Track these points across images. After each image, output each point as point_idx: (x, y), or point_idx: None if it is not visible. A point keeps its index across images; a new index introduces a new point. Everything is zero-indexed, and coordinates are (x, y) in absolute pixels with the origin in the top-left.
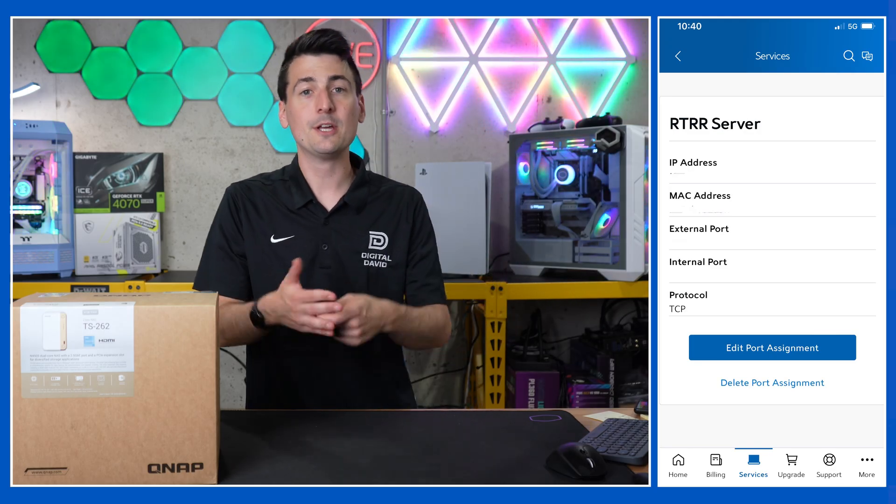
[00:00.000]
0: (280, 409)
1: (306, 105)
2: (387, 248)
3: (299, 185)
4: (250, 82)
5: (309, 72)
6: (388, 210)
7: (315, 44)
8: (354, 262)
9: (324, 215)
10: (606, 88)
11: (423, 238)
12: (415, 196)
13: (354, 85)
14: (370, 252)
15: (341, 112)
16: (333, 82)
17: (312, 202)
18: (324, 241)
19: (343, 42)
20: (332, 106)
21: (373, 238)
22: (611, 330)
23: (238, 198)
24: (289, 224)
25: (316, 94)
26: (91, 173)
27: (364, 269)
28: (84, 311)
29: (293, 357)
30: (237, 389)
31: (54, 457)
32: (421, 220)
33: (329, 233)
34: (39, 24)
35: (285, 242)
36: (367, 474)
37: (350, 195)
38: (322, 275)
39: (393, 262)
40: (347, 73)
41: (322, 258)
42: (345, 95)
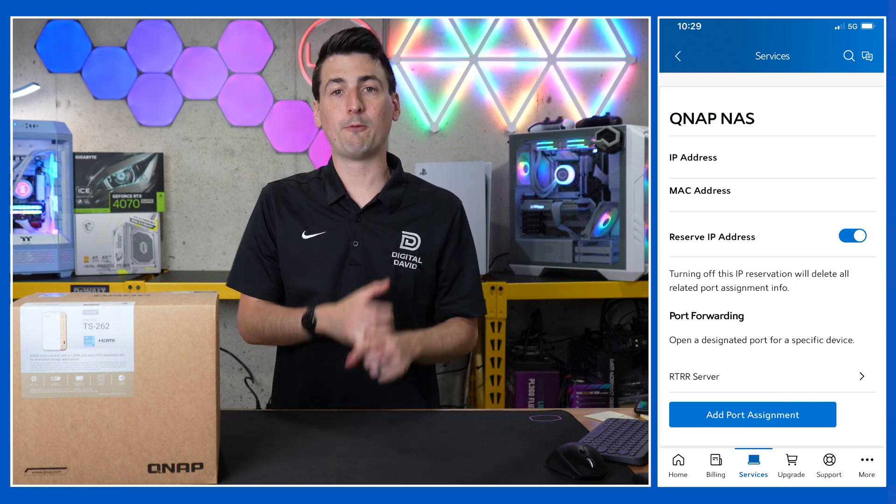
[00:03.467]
0: (306, 406)
1: (337, 105)
2: (419, 249)
3: (333, 183)
4: (250, 82)
5: (339, 72)
6: (425, 212)
7: (345, 43)
8: (384, 260)
9: (356, 212)
10: (606, 88)
11: (459, 245)
12: (455, 202)
13: (387, 83)
14: (401, 252)
15: (371, 112)
16: (364, 82)
17: (345, 198)
18: (355, 238)
19: (374, 40)
20: (362, 106)
21: (405, 238)
22: (611, 330)
23: (271, 198)
24: (321, 220)
25: (346, 94)
26: (91, 173)
27: (393, 269)
28: (84, 311)
29: (328, 353)
30: (237, 389)
31: (54, 457)
32: (459, 228)
33: (360, 230)
34: (39, 24)
35: (317, 238)
36: (367, 474)
37: (384, 193)
38: (352, 272)
39: (424, 265)
40: (378, 72)
41: (353, 255)
42: (375, 95)
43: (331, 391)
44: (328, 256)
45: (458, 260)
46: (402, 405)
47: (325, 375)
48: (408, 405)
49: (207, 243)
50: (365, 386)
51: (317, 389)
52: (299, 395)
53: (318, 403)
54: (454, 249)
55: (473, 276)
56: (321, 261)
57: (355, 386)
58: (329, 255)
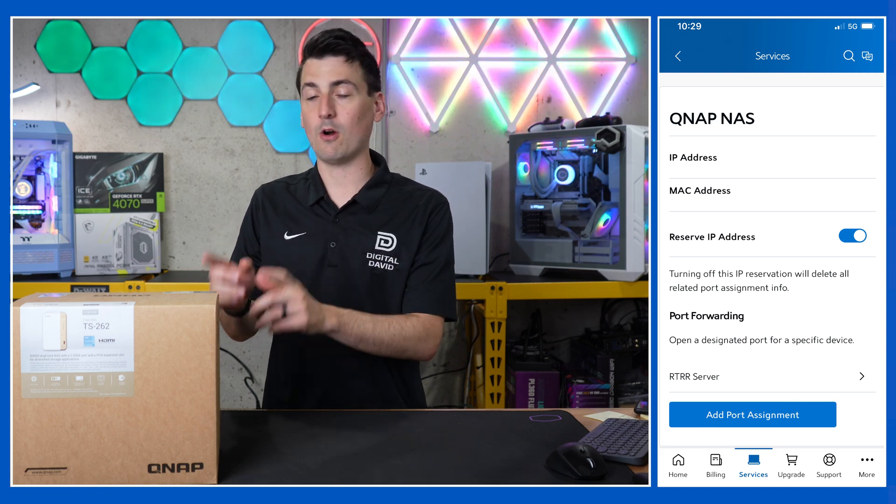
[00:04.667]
0: (295, 407)
1: (312, 109)
2: (394, 250)
3: (315, 184)
4: (250, 82)
5: (313, 76)
6: (402, 212)
7: (319, 46)
8: (360, 262)
9: (333, 212)
10: (606, 88)
11: (433, 243)
12: (434, 199)
13: (365, 86)
14: (376, 253)
15: (343, 117)
16: (335, 87)
17: (324, 199)
18: (332, 239)
19: (347, 43)
20: (333, 112)
21: (380, 239)
22: (611, 330)
23: (259, 199)
24: (303, 221)
25: (319, 99)
26: (91, 173)
27: (368, 270)
28: (84, 311)
29: (319, 357)
30: (237, 389)
31: (54, 457)
32: (435, 225)
33: (337, 231)
34: (39, 24)
35: (297, 239)
36: (367, 474)
37: (362, 194)
38: (330, 273)
39: (400, 266)
40: (354, 76)
41: (330, 256)
42: (349, 100)
43: (311, 388)
44: (307, 257)
45: (430, 257)
46: (381, 406)
47: (308, 374)
48: (389, 406)
49: (207, 243)
50: (344, 388)
51: (298, 392)
52: (285, 396)
53: (298, 402)
54: (429, 248)
55: (441, 273)
56: (300, 261)
57: (336, 386)
58: (308, 255)
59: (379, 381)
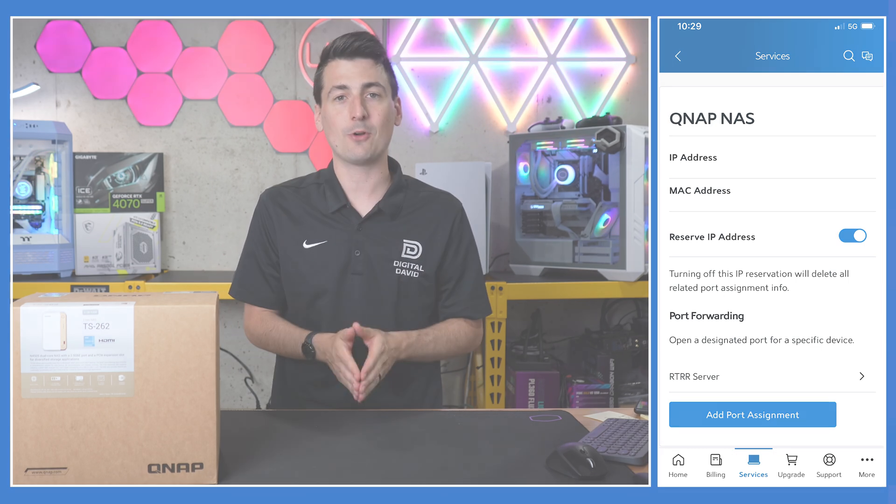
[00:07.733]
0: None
1: (340, 111)
2: (420, 257)
3: (334, 190)
4: (250, 82)
5: (343, 78)
6: (424, 218)
7: (349, 48)
8: (386, 269)
9: (357, 221)
10: (606, 88)
11: (460, 249)
12: (454, 205)
13: (390, 89)
14: (403, 261)
15: (375, 119)
16: (367, 89)
17: (346, 207)
18: (356, 248)
19: (377, 46)
20: (366, 113)
21: (406, 246)
22: (611, 330)
23: (270, 206)
24: (322, 229)
25: (350, 100)
26: (91, 173)
27: (395, 278)
28: (84, 311)
29: None
30: (237, 389)
31: (54, 457)
32: (459, 232)
33: (362, 239)
34: (39, 24)
35: (318, 248)
36: (368, 474)
37: (385, 201)
38: (354, 281)
39: (426, 272)
40: (382, 78)
41: (355, 264)
42: (379, 101)
43: (331, 391)
44: (330, 265)
45: (460, 263)
46: (402, 405)
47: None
48: (410, 405)
49: (207, 243)
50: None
51: (317, 390)
52: (300, 395)
53: (315, 403)
54: (455, 253)
55: (475, 278)
56: (323, 270)
57: None
58: (331, 264)
59: (407, 389)
